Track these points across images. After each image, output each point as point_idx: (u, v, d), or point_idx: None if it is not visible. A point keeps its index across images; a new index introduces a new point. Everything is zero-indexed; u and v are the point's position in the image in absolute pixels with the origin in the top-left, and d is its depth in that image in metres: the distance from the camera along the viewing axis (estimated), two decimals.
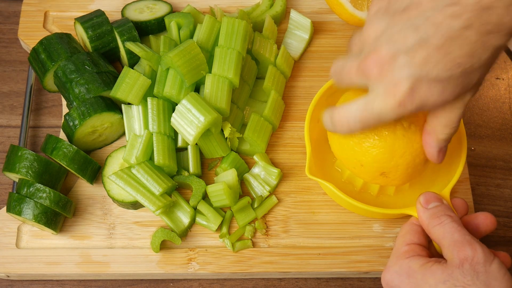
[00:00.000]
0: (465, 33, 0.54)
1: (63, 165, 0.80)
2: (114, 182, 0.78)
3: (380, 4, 0.60)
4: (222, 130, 0.81)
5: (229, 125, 0.80)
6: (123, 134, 0.86)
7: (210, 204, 0.80)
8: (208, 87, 0.80)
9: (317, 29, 0.95)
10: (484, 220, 0.66)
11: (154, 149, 0.79)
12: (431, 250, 0.67)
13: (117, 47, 0.88)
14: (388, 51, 0.57)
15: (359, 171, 0.72)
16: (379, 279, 0.81)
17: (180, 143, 0.82)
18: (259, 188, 0.82)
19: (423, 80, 0.56)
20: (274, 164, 0.85)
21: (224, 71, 0.80)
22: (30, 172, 0.78)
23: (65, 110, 0.87)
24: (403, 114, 0.59)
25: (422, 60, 0.55)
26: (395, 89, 0.57)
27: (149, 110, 0.80)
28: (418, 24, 0.55)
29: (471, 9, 0.53)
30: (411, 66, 0.56)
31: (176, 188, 0.82)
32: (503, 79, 0.93)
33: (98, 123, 0.82)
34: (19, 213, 0.77)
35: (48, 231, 0.79)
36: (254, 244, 0.80)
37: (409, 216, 0.71)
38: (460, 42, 0.54)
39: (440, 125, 0.63)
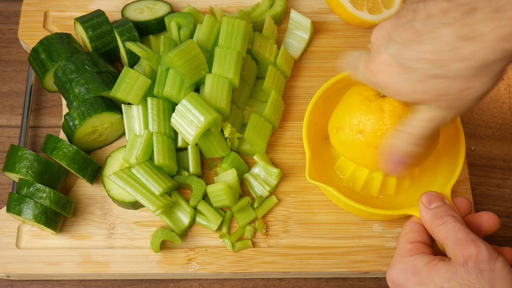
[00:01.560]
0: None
1: (63, 165, 0.80)
2: (114, 182, 0.78)
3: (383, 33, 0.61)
4: (222, 130, 0.81)
5: (229, 125, 0.80)
6: (123, 134, 0.86)
7: (210, 204, 0.80)
8: (208, 87, 0.80)
9: (317, 29, 0.95)
10: (487, 220, 0.66)
11: (154, 149, 0.79)
12: (434, 249, 0.66)
13: (117, 47, 0.88)
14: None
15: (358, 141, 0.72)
16: (379, 279, 0.81)
17: (180, 143, 0.82)
18: (259, 188, 0.82)
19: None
20: (274, 164, 0.85)
21: (224, 71, 0.80)
22: (30, 172, 0.78)
23: (65, 110, 0.87)
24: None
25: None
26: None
27: (149, 110, 0.80)
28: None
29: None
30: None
31: (176, 188, 0.82)
32: (503, 79, 0.93)
33: (98, 123, 0.82)
34: (19, 213, 0.77)
35: (48, 231, 0.79)
36: (254, 244, 0.80)
37: (409, 215, 0.71)
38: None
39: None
